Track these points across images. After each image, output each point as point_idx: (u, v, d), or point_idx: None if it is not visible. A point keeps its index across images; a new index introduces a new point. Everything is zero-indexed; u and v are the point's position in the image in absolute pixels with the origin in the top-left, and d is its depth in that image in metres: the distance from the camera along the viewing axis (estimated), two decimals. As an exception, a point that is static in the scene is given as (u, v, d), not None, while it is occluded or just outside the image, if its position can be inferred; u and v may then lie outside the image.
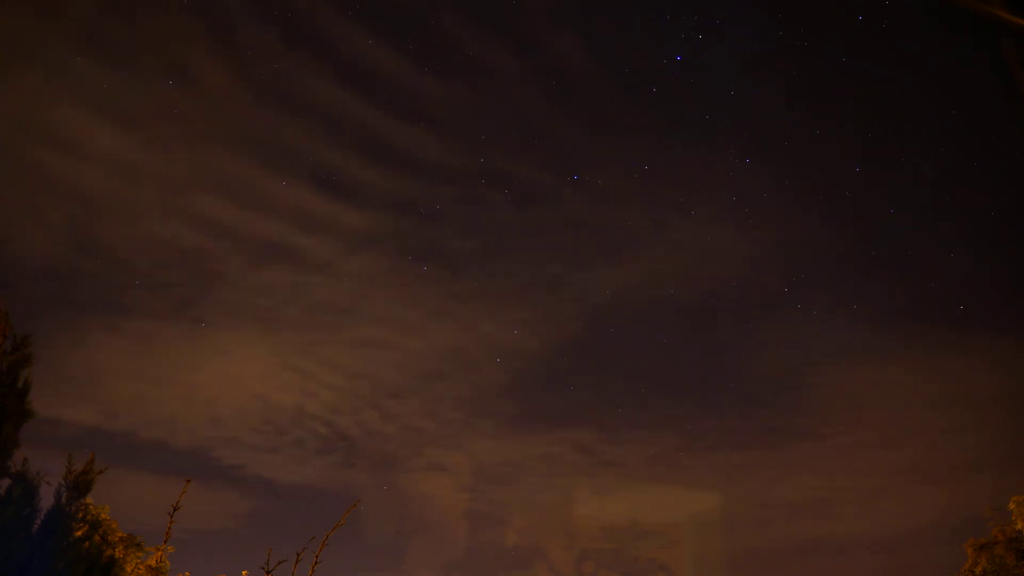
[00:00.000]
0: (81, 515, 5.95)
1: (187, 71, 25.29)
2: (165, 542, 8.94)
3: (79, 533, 5.90)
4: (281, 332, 30.22)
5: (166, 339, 28.65)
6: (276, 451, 30.36)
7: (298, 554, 8.60)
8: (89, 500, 6.24)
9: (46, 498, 5.77)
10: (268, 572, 8.43)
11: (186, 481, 8.83)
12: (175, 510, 8.69)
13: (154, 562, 9.22)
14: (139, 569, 9.22)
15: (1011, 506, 12.96)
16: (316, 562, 8.72)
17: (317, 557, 8.71)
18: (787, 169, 29.44)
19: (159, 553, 9.22)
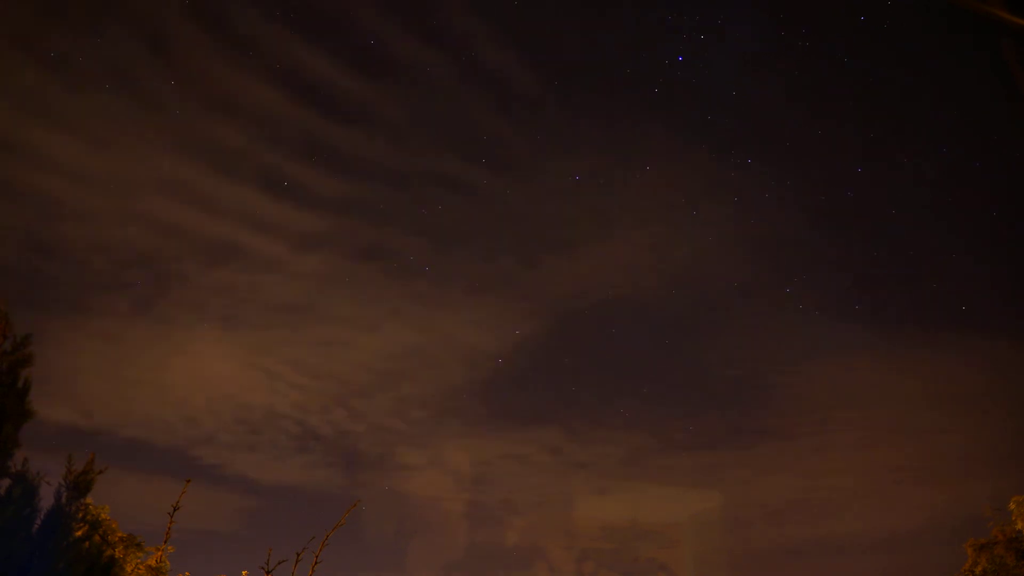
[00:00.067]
0: (81, 515, 5.96)
1: (127, 77, 25.63)
2: (165, 542, 8.95)
3: (79, 533, 5.90)
4: (242, 331, 30.34)
5: (131, 339, 28.67)
6: (254, 450, 30.46)
7: (298, 554, 8.61)
8: (89, 500, 6.24)
9: (46, 498, 5.78)
10: (268, 572, 8.44)
11: (186, 481, 8.84)
12: (175, 510, 8.70)
13: (154, 562, 9.22)
14: (139, 569, 9.22)
15: (1011, 506, 12.95)
16: (316, 562, 8.72)
17: (317, 557, 8.71)
18: (788, 169, 29.48)
19: (159, 553, 9.22)
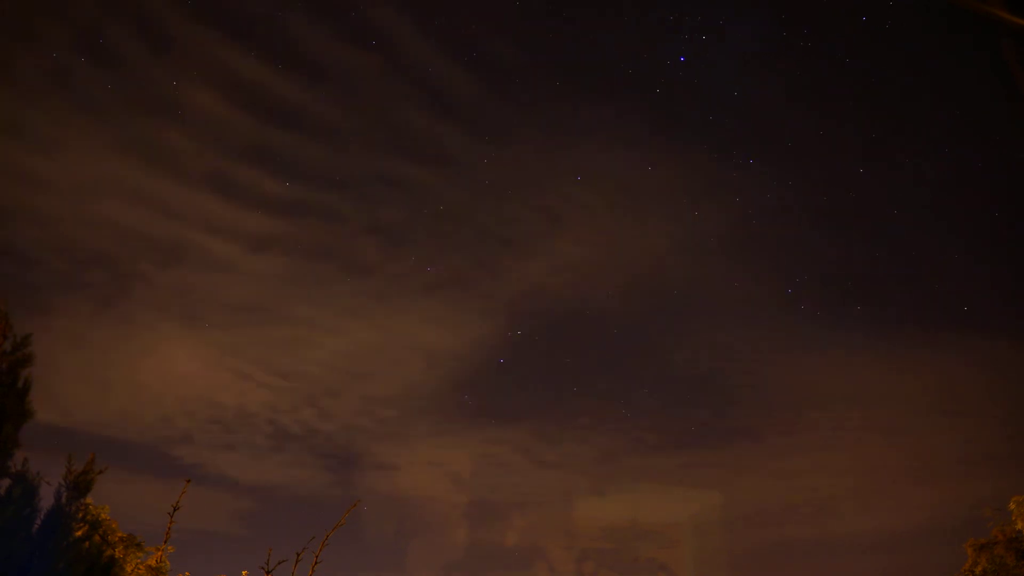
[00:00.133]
0: (81, 515, 5.95)
1: (67, 80, 25.71)
2: (165, 542, 8.95)
3: (79, 533, 5.89)
4: (206, 331, 30.44)
5: (97, 340, 28.78)
6: (233, 449, 30.49)
7: (298, 554, 8.60)
8: (89, 500, 6.24)
9: (46, 498, 5.77)
10: (268, 572, 8.43)
11: (186, 481, 8.84)
12: (175, 510, 8.69)
13: (154, 562, 9.22)
14: (139, 569, 9.22)
15: (1011, 506, 12.95)
16: (316, 562, 8.72)
17: (317, 557, 8.71)
18: (789, 169, 29.47)
19: (159, 553, 9.22)
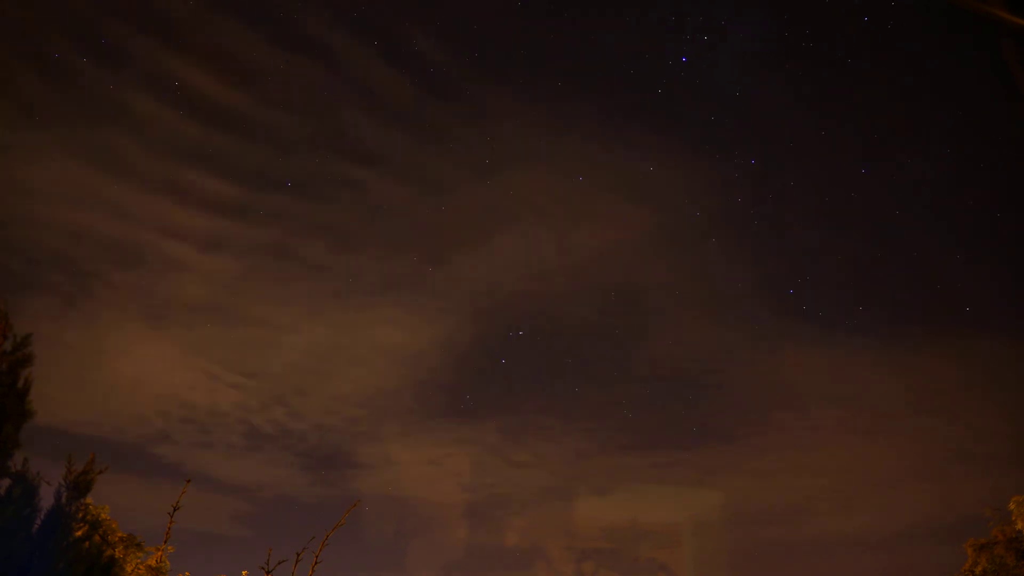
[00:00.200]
0: (81, 515, 5.95)
1: (8, 89, 25.86)
2: (165, 542, 8.95)
3: (79, 533, 5.89)
4: (171, 330, 30.57)
5: (63, 340, 28.62)
6: (210, 448, 30.51)
7: (298, 554, 8.61)
8: (89, 500, 6.24)
9: (46, 498, 5.77)
10: (268, 572, 8.43)
11: (186, 481, 8.84)
12: (175, 510, 8.70)
13: (154, 562, 9.22)
14: (139, 569, 9.22)
15: (1011, 506, 12.95)
16: (316, 562, 8.72)
17: (317, 557, 8.71)
18: (790, 169, 29.47)
19: (159, 553, 9.21)
